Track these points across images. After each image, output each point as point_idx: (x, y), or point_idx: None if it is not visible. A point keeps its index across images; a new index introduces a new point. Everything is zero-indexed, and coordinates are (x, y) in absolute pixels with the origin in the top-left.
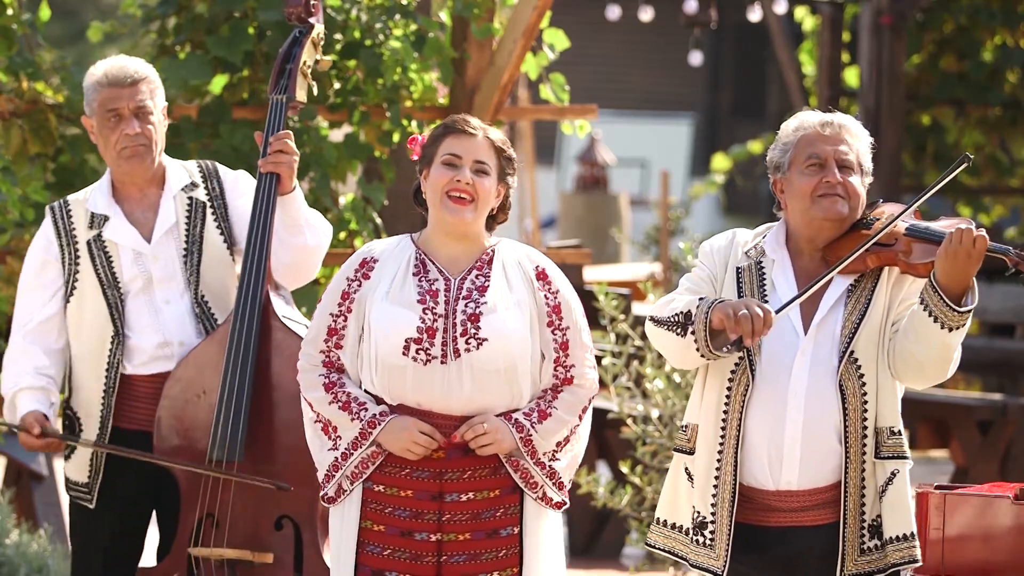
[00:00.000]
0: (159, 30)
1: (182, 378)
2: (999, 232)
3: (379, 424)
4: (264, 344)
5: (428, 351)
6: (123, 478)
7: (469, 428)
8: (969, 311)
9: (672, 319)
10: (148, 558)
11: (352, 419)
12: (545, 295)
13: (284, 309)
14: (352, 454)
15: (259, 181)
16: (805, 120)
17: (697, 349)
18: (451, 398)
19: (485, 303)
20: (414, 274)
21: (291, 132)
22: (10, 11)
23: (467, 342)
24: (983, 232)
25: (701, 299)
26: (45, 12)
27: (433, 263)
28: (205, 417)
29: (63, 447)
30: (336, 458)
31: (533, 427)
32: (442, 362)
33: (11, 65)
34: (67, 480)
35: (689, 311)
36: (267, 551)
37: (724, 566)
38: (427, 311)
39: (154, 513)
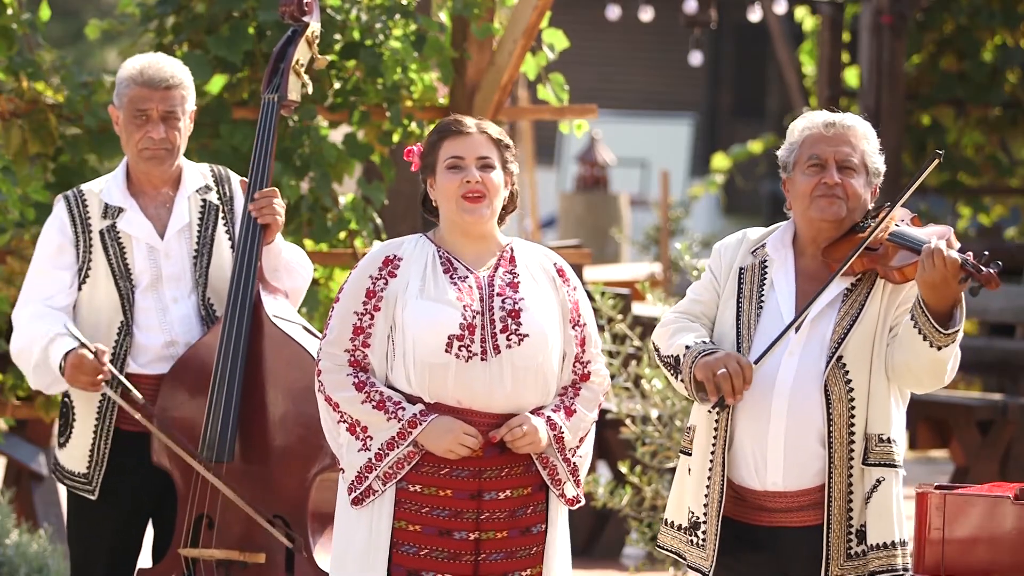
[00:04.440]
0: (157, 29)
1: (178, 379)
2: (999, 232)
3: (420, 424)
4: (255, 344)
5: (469, 348)
6: (126, 474)
7: (508, 430)
8: (955, 332)
9: (667, 359)
10: (144, 559)
11: (388, 419)
12: (567, 292)
13: (275, 308)
14: (387, 454)
15: (249, 179)
16: (811, 120)
17: (688, 396)
18: (493, 395)
19: (522, 299)
20: (444, 272)
21: (276, 190)
22: (10, 11)
23: (508, 338)
24: (954, 253)
25: (687, 347)
26: (45, 12)
27: (459, 261)
28: (201, 418)
29: (100, 386)
30: (370, 459)
31: (563, 424)
32: (482, 359)
33: (11, 65)
34: (61, 468)
35: (678, 356)
36: (260, 551)
37: (711, 566)
38: (466, 308)
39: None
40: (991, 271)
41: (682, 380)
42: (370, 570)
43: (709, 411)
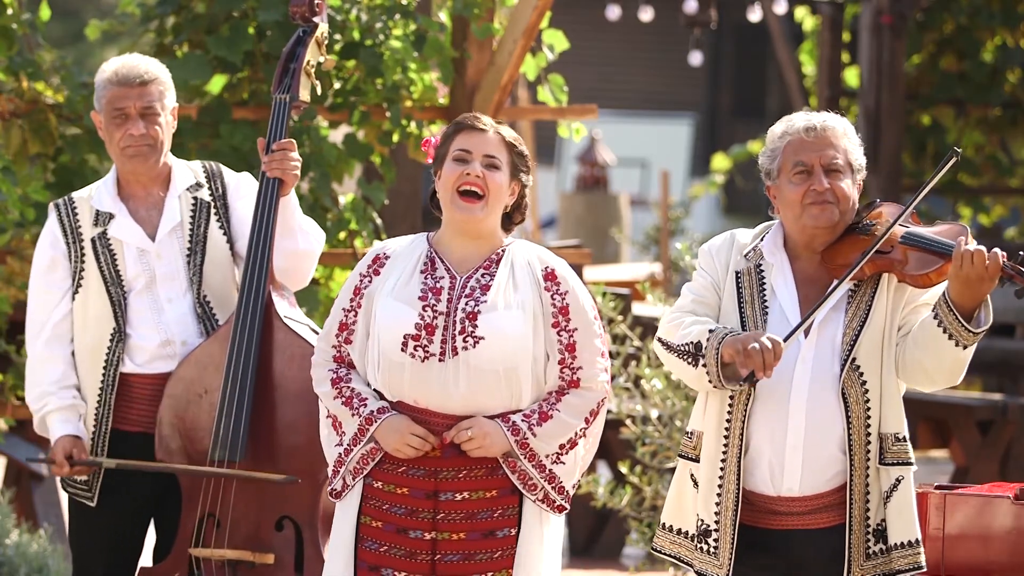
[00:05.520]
0: (157, 29)
1: (184, 377)
2: (999, 232)
3: (375, 421)
4: (266, 344)
5: (427, 348)
6: (126, 478)
7: (456, 431)
8: (984, 330)
9: (683, 348)
10: (145, 558)
11: (352, 415)
12: (552, 296)
13: (286, 309)
14: (352, 450)
15: (261, 182)
16: (790, 126)
17: (710, 381)
18: (448, 396)
19: (485, 301)
20: (421, 271)
21: (294, 141)
22: (10, 11)
23: (464, 340)
24: (996, 251)
25: (711, 331)
26: (45, 12)
27: (442, 261)
28: (207, 416)
29: (91, 471)
30: (340, 453)
31: (531, 429)
32: (440, 360)
33: (11, 65)
34: (65, 477)
35: (699, 342)
36: (268, 551)
37: (728, 573)
38: (427, 308)
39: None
40: None
41: (704, 365)
42: (338, 564)
43: (740, 384)
